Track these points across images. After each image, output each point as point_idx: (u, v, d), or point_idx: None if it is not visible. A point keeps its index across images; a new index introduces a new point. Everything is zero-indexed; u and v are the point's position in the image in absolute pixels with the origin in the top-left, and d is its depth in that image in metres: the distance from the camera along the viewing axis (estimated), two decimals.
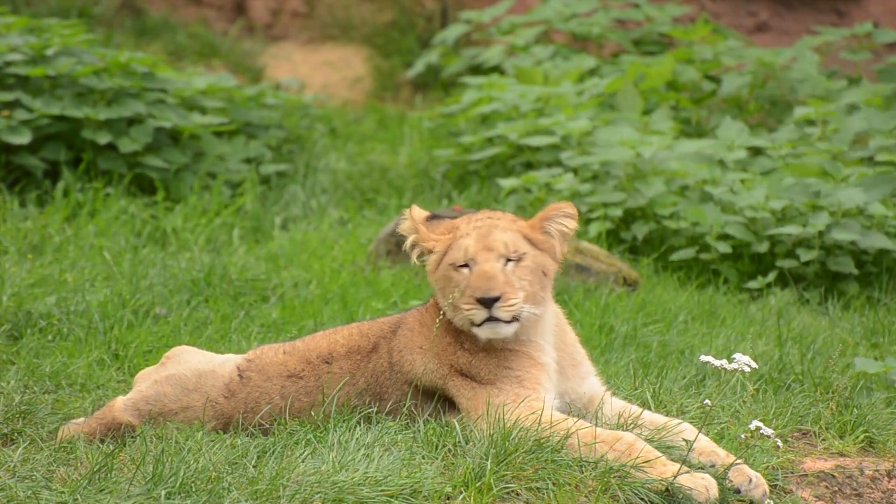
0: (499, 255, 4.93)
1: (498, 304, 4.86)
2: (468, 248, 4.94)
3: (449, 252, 4.99)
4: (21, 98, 9.70)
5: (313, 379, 5.18)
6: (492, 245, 4.94)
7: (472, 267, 4.93)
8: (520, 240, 4.97)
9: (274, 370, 5.23)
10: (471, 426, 4.89)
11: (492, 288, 4.86)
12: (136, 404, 5.28)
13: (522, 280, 4.92)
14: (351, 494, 4.51)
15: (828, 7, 14.31)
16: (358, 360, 5.17)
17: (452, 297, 4.93)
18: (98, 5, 14.69)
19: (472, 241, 4.95)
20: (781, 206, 8.83)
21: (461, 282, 4.92)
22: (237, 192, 10.12)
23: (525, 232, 5.00)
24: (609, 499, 4.64)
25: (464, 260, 4.94)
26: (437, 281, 5.02)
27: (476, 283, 4.88)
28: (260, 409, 5.17)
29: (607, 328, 7.20)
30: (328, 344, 5.24)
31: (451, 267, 4.96)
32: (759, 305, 8.16)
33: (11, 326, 6.85)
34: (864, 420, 5.45)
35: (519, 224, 5.03)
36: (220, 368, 5.29)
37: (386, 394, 5.09)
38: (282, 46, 15.00)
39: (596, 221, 9.20)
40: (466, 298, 4.89)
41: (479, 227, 4.99)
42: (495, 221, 5.00)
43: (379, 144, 12.31)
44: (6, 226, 8.68)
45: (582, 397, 5.09)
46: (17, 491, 4.52)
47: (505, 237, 4.95)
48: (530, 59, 12.66)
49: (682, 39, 12.16)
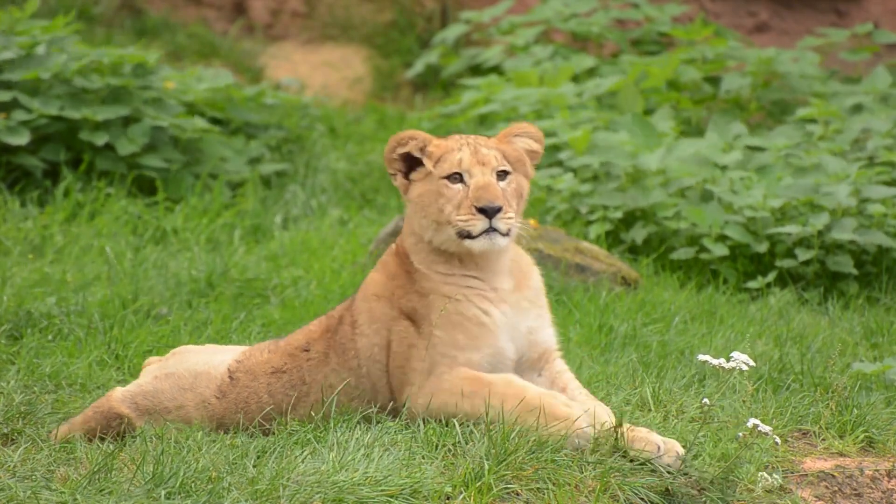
0: (492, 169, 5.01)
1: (500, 214, 4.93)
2: (463, 160, 5.00)
3: (440, 165, 5.02)
4: (19, 98, 9.69)
5: (296, 371, 5.19)
6: (485, 160, 5.01)
7: (467, 180, 4.98)
8: (502, 157, 5.05)
9: (260, 369, 5.24)
10: (399, 377, 4.97)
11: (495, 198, 4.93)
12: (133, 397, 5.31)
13: (510, 198, 5.01)
14: (351, 494, 4.51)
15: (828, 7, 14.31)
16: (328, 337, 5.19)
17: (442, 212, 4.96)
18: (98, 5, 14.68)
19: (466, 154, 5.01)
20: (780, 204, 8.83)
21: (454, 196, 4.97)
22: (237, 192, 10.12)
23: (502, 149, 5.08)
24: (609, 499, 4.65)
25: (458, 171, 4.98)
26: (421, 196, 5.03)
27: (478, 194, 4.94)
28: (250, 408, 5.17)
29: (607, 328, 7.20)
30: (305, 334, 5.27)
31: (442, 180, 4.99)
32: (759, 305, 8.16)
33: (12, 326, 6.86)
34: (864, 420, 5.45)
35: (495, 142, 5.11)
36: (214, 370, 5.30)
37: (353, 362, 5.09)
38: (282, 46, 14.99)
39: (596, 223, 9.20)
40: (465, 209, 4.94)
41: (468, 142, 5.05)
42: (477, 140, 5.08)
43: (379, 144, 12.31)
44: (7, 226, 8.69)
45: (538, 345, 5.10)
46: (17, 491, 4.53)
47: (493, 153, 5.03)
48: (530, 59, 12.65)
49: (683, 39, 12.16)
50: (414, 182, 5.07)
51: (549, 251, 8.38)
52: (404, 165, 5.09)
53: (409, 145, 5.06)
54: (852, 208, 8.80)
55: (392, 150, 5.08)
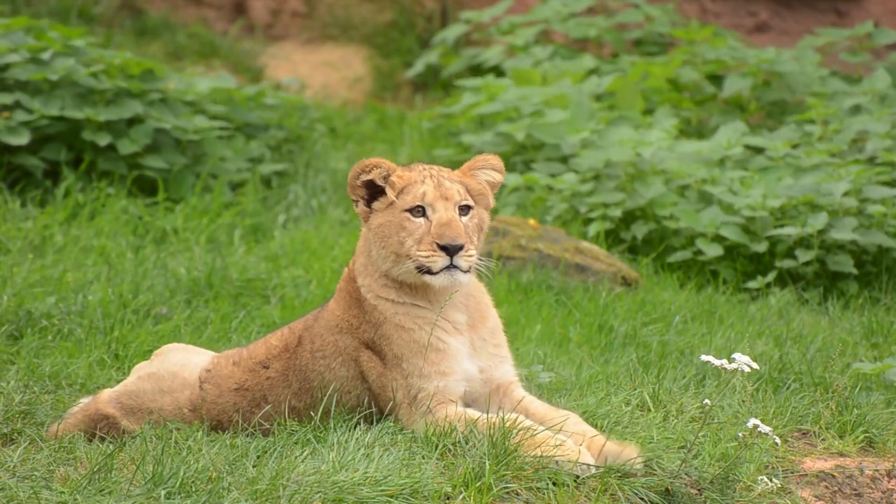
0: (455, 204, 4.98)
1: (461, 252, 4.90)
2: (426, 194, 4.95)
3: (402, 196, 4.98)
4: (21, 99, 9.70)
5: (258, 388, 5.17)
6: (448, 194, 4.97)
7: (429, 214, 4.94)
8: (465, 191, 5.02)
9: (225, 384, 5.22)
10: (384, 400, 4.96)
11: (458, 235, 4.90)
12: (119, 397, 5.32)
13: (472, 234, 4.98)
14: (351, 494, 4.51)
15: (828, 7, 14.31)
16: (287, 357, 5.17)
17: (402, 245, 4.92)
18: (98, 5, 14.68)
19: (429, 187, 4.96)
20: (779, 203, 8.83)
21: (416, 229, 4.93)
22: (238, 192, 10.12)
23: (465, 182, 5.04)
24: (609, 498, 4.65)
25: (421, 204, 4.94)
26: (382, 227, 4.99)
27: (441, 231, 4.90)
28: (223, 425, 5.17)
29: (607, 328, 7.20)
30: (265, 348, 5.23)
31: (404, 213, 4.95)
32: (759, 305, 8.16)
33: (12, 326, 6.86)
34: (864, 420, 5.45)
35: (458, 175, 5.07)
36: (190, 376, 5.28)
37: (317, 393, 5.06)
38: (282, 46, 14.99)
39: (595, 221, 9.20)
40: (426, 245, 4.90)
41: (431, 174, 5.01)
42: (441, 172, 5.03)
43: (379, 144, 12.31)
44: (7, 226, 8.68)
45: (493, 381, 5.06)
46: (17, 491, 4.53)
47: (456, 187, 4.99)
48: (529, 59, 12.65)
49: (683, 39, 12.16)
50: (375, 211, 5.02)
51: (549, 251, 8.38)
52: (367, 193, 5.04)
53: (372, 173, 5.00)
54: (852, 208, 8.80)
55: (356, 177, 5.02)
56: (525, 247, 8.42)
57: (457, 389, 4.95)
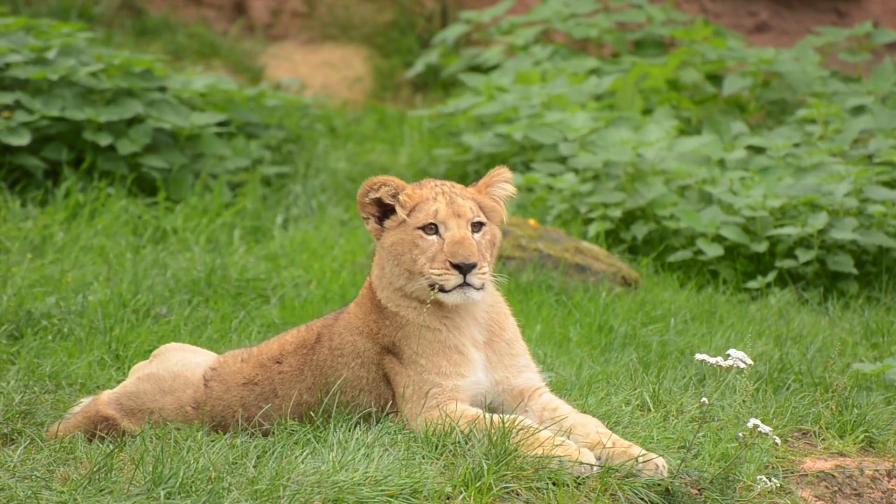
0: (467, 221, 4.96)
1: (474, 270, 4.89)
2: (438, 212, 4.94)
3: (414, 214, 4.97)
4: (21, 99, 9.70)
5: (268, 383, 5.18)
6: (460, 211, 4.96)
7: (442, 232, 4.94)
8: (477, 208, 5.01)
9: (233, 379, 5.22)
10: (403, 409, 4.96)
11: (471, 254, 4.89)
12: (118, 398, 5.32)
13: (484, 250, 4.97)
14: (351, 494, 4.51)
15: (828, 7, 14.30)
16: (304, 353, 5.17)
17: (415, 263, 4.92)
18: (98, 5, 14.68)
19: (441, 205, 4.95)
20: (779, 203, 8.83)
21: (429, 247, 4.93)
22: (237, 192, 10.12)
23: (478, 199, 5.03)
24: (609, 498, 4.65)
25: (433, 221, 4.93)
26: (395, 245, 4.98)
27: (454, 249, 4.90)
28: (226, 421, 5.17)
29: (607, 328, 7.20)
30: (279, 345, 5.25)
31: (416, 231, 4.95)
32: (759, 305, 8.16)
33: (12, 326, 6.86)
34: (864, 420, 5.45)
35: (471, 192, 5.05)
36: (193, 375, 5.29)
37: (329, 382, 5.07)
38: (282, 46, 14.99)
39: (595, 221, 9.20)
40: (439, 264, 4.90)
41: (444, 191, 4.99)
42: (453, 188, 5.02)
43: (379, 144, 12.31)
44: (7, 226, 8.68)
45: (513, 389, 5.07)
46: (17, 491, 4.53)
47: (468, 204, 4.98)
48: (529, 59, 12.65)
49: (683, 39, 12.16)
50: (387, 229, 5.01)
51: (549, 251, 8.38)
52: (377, 210, 5.03)
53: (380, 191, 4.99)
54: (852, 208, 8.80)
55: (364, 195, 5.01)
56: (525, 247, 8.42)
57: (469, 391, 4.96)
